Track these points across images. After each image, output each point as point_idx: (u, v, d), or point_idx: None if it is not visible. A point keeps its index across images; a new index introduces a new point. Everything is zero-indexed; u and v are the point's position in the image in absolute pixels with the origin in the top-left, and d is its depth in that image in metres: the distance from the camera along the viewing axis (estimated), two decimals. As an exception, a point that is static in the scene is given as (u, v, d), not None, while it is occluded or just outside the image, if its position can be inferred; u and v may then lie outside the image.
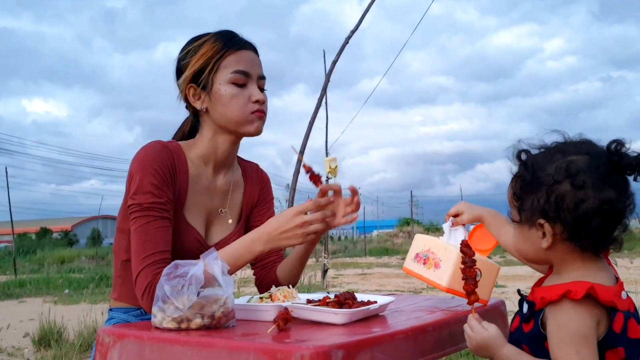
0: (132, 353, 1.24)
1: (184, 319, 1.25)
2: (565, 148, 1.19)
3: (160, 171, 1.57)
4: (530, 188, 1.18)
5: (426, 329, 1.29)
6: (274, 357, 1.02)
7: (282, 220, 1.52)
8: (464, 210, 1.54)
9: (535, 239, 1.20)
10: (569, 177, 1.13)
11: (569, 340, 1.10)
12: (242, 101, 1.64)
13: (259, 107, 1.66)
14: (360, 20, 6.22)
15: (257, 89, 1.67)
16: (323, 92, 6.35)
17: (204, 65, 1.64)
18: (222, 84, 1.64)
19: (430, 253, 1.52)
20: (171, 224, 1.58)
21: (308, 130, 6.07)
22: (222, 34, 1.69)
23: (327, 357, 1.00)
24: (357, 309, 1.31)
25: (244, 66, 1.65)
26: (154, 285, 1.47)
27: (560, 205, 1.13)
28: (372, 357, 1.10)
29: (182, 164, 1.66)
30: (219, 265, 1.30)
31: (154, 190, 1.55)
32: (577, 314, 1.10)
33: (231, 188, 1.79)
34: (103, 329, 1.32)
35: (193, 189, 1.68)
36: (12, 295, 11.63)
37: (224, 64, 1.64)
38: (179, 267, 1.28)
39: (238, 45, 1.67)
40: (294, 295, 1.50)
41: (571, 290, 1.10)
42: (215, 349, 1.11)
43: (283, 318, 1.22)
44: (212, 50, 1.64)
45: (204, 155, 1.72)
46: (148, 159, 1.58)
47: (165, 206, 1.56)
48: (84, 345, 5.42)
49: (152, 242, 1.53)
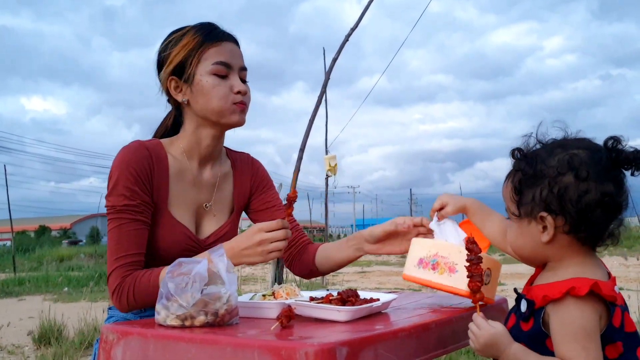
0: (136, 350, 1.24)
1: (187, 316, 1.25)
2: (565, 143, 1.21)
3: (135, 173, 1.58)
4: (532, 181, 1.19)
5: (429, 327, 1.29)
6: (278, 354, 1.02)
7: (245, 237, 1.52)
8: (447, 202, 1.55)
9: (535, 234, 1.20)
10: (572, 170, 1.15)
11: (574, 337, 1.11)
12: (223, 92, 1.64)
13: (241, 98, 1.66)
14: (360, 18, 6.22)
15: (239, 80, 1.67)
16: (323, 90, 6.34)
17: (185, 58, 1.64)
18: (203, 75, 1.63)
19: (439, 257, 1.46)
20: (145, 226, 1.59)
21: (308, 128, 6.06)
22: (202, 26, 1.69)
23: (331, 354, 1.00)
24: (361, 306, 1.31)
25: (225, 57, 1.65)
26: (122, 287, 1.52)
27: (564, 197, 1.15)
28: (376, 355, 1.10)
29: (162, 162, 1.66)
30: (224, 262, 1.30)
31: (127, 193, 1.56)
32: (581, 310, 1.11)
33: (218, 181, 1.78)
34: (107, 326, 1.33)
35: (176, 185, 1.68)
36: (11, 293, 11.64)
37: (205, 55, 1.64)
38: (183, 264, 1.29)
39: (219, 37, 1.67)
40: (296, 293, 1.50)
41: (575, 287, 1.11)
42: (219, 346, 1.11)
43: (286, 315, 1.23)
44: (193, 42, 1.64)
45: (188, 149, 1.72)
46: (124, 161, 1.59)
47: (138, 208, 1.57)
48: (84, 343, 5.42)
49: (124, 245, 1.55)
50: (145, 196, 1.59)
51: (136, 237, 1.57)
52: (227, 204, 1.82)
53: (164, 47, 1.69)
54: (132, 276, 1.53)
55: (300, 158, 6.29)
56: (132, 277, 1.53)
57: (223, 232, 1.76)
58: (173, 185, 1.67)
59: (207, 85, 1.63)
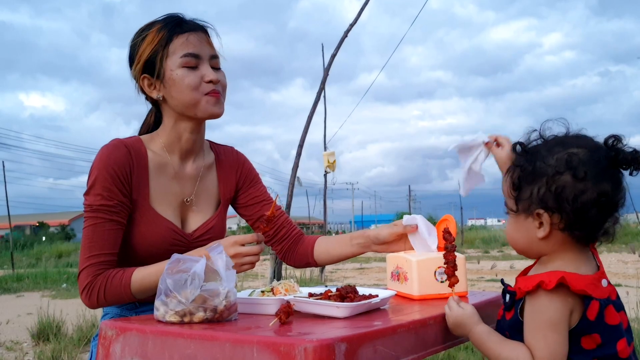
0: (135, 346, 1.24)
1: (186, 312, 1.25)
2: (565, 140, 1.23)
3: (113, 172, 1.58)
4: (530, 178, 1.21)
5: (427, 323, 1.29)
6: (277, 350, 1.03)
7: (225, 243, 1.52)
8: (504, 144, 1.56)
9: (531, 229, 1.23)
10: (570, 169, 1.17)
11: (537, 326, 1.15)
12: (194, 83, 1.62)
13: (212, 87, 1.64)
14: (359, 14, 6.21)
15: (210, 69, 1.64)
16: (322, 86, 6.34)
17: (153, 54, 1.63)
18: (173, 69, 1.62)
19: (399, 269, 1.63)
20: (120, 227, 1.59)
21: (307, 124, 6.06)
22: (168, 19, 1.67)
23: (330, 350, 1.00)
24: (359, 302, 1.31)
25: (192, 48, 1.63)
26: (94, 285, 1.53)
27: (560, 196, 1.17)
28: (375, 350, 1.10)
29: (142, 158, 1.65)
30: (223, 259, 1.30)
31: (104, 192, 1.56)
32: (550, 302, 1.15)
33: (201, 173, 1.78)
34: (105, 322, 1.32)
35: (157, 180, 1.68)
36: (9, 289, 11.64)
37: (172, 49, 1.62)
38: (182, 262, 1.29)
39: (184, 28, 1.64)
40: (295, 289, 1.50)
41: (544, 281, 1.15)
42: (219, 342, 1.11)
43: (285, 311, 1.23)
44: (159, 37, 1.63)
45: (168, 144, 1.71)
46: (102, 160, 1.59)
47: (114, 209, 1.57)
48: (82, 339, 5.42)
49: (98, 244, 1.55)
50: (122, 196, 1.59)
51: (110, 237, 1.56)
52: (212, 196, 1.81)
53: (133, 45, 1.68)
54: (104, 275, 1.53)
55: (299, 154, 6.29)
56: (104, 276, 1.53)
57: (210, 225, 1.76)
58: (154, 180, 1.67)
59: (177, 79, 1.62)
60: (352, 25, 6.19)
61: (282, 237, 1.90)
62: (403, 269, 1.60)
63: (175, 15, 1.68)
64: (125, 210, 1.60)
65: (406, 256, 1.61)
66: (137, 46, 1.66)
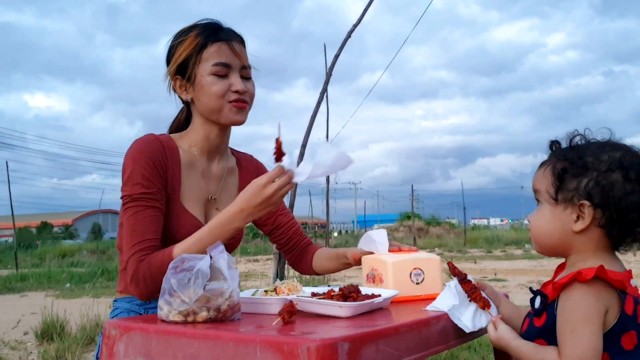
0: (139, 345, 1.24)
1: (190, 312, 1.26)
2: (614, 143, 1.25)
3: (151, 162, 1.62)
4: (578, 171, 1.22)
5: (430, 322, 1.30)
6: (281, 350, 1.03)
7: (253, 194, 1.49)
8: None
9: (567, 221, 1.23)
10: (622, 169, 1.19)
11: (568, 322, 1.14)
12: (221, 91, 1.68)
13: (238, 97, 1.69)
14: (363, 14, 6.21)
15: (239, 79, 1.70)
16: (325, 86, 6.34)
17: (187, 58, 1.70)
18: (204, 75, 1.68)
19: (374, 271, 1.61)
20: (161, 213, 1.62)
21: (310, 124, 6.06)
22: (205, 25, 1.72)
23: (333, 349, 1.01)
24: (362, 302, 1.31)
25: (224, 58, 1.69)
26: (138, 271, 1.53)
27: (608, 193, 1.18)
28: (377, 350, 1.11)
29: (174, 155, 1.71)
30: (225, 259, 1.30)
31: (143, 182, 1.60)
32: (583, 294, 1.14)
33: (225, 174, 1.84)
34: (109, 321, 1.33)
35: (188, 177, 1.73)
36: (13, 289, 11.66)
37: (205, 56, 1.68)
38: (185, 261, 1.29)
39: (219, 37, 1.70)
40: (298, 289, 1.51)
41: (581, 273, 1.14)
42: (222, 342, 1.11)
43: (288, 311, 1.23)
44: (195, 43, 1.69)
45: (197, 143, 1.77)
46: (138, 151, 1.64)
47: (154, 196, 1.61)
48: (86, 339, 5.44)
49: (140, 231, 1.57)
50: (161, 185, 1.63)
51: (152, 224, 1.58)
52: (233, 198, 1.82)
53: (171, 46, 1.75)
54: (147, 260, 1.53)
55: (302, 154, 6.30)
56: (147, 261, 1.53)
57: None
58: (185, 177, 1.72)
59: (206, 85, 1.68)
60: (355, 26, 6.18)
61: (292, 247, 2.00)
62: (378, 270, 1.59)
63: (214, 23, 1.74)
64: (164, 199, 1.64)
65: (382, 257, 1.60)
66: (174, 48, 1.73)
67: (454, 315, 1.35)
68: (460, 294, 1.37)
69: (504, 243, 26.71)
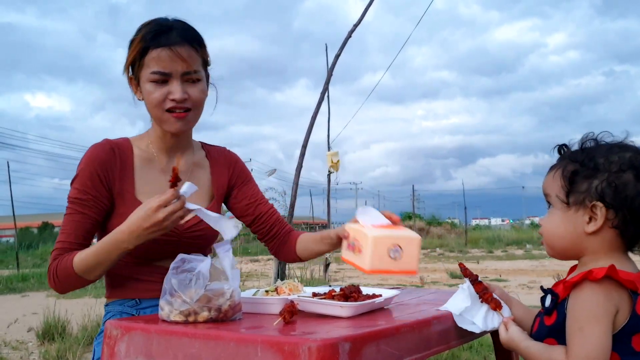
0: (140, 345, 1.25)
1: (191, 312, 1.26)
2: (623, 144, 1.25)
3: (93, 169, 1.67)
4: (589, 173, 1.22)
5: (431, 322, 1.30)
6: (282, 349, 1.03)
7: (145, 216, 1.49)
8: None
9: (579, 223, 1.23)
10: (633, 169, 1.19)
11: (577, 320, 1.14)
12: (157, 100, 1.65)
13: (175, 105, 1.65)
14: (363, 15, 6.21)
15: (178, 87, 1.64)
16: (325, 86, 6.34)
17: (133, 61, 1.68)
18: (144, 82, 1.66)
19: (355, 241, 1.59)
20: (90, 220, 1.66)
21: (310, 124, 6.07)
22: (150, 28, 1.66)
23: (334, 349, 1.01)
24: (363, 302, 1.32)
25: (163, 66, 1.63)
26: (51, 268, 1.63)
27: (621, 193, 1.18)
28: (378, 350, 1.11)
29: (127, 157, 1.73)
30: (230, 258, 1.30)
31: (80, 187, 1.65)
32: (592, 294, 1.14)
33: (190, 168, 1.82)
34: (110, 321, 1.33)
35: (143, 174, 1.74)
36: (15, 289, 11.66)
37: (146, 61, 1.64)
38: (187, 261, 1.29)
39: (160, 42, 1.63)
40: (299, 289, 1.51)
41: (592, 272, 1.14)
42: (223, 341, 1.12)
43: (289, 311, 1.23)
44: (139, 47, 1.65)
45: (153, 142, 1.79)
46: (86, 158, 1.68)
47: (87, 203, 1.65)
48: (87, 339, 5.43)
49: (65, 232, 1.65)
50: (98, 192, 1.67)
51: (78, 228, 1.64)
52: (204, 191, 1.83)
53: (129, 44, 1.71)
54: (59, 259, 1.62)
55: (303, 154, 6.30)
56: (59, 260, 1.62)
57: None
58: (139, 175, 1.73)
59: (145, 92, 1.67)
60: (356, 26, 6.19)
61: (274, 235, 1.95)
62: (359, 241, 1.57)
63: (159, 24, 1.67)
64: (99, 206, 1.67)
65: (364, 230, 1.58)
66: (128, 47, 1.70)
67: (464, 320, 1.35)
68: (473, 295, 1.37)
69: (505, 243, 26.69)
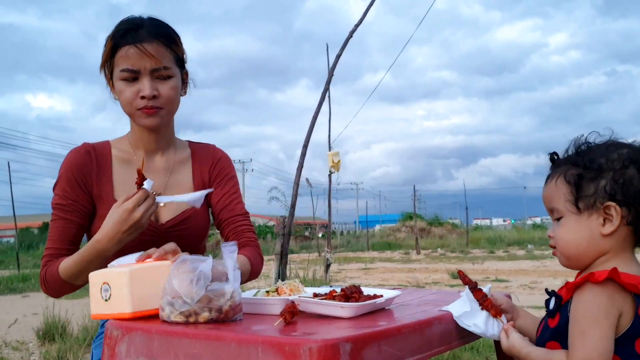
0: (140, 346, 1.24)
1: (191, 312, 1.25)
2: (617, 142, 1.26)
3: (70, 174, 1.70)
4: (594, 174, 1.22)
5: (432, 323, 1.29)
6: (283, 350, 1.03)
7: (122, 220, 1.50)
8: None
9: (594, 227, 1.22)
10: (634, 163, 1.20)
11: (578, 323, 1.13)
12: (129, 97, 1.66)
13: (144, 103, 1.66)
14: (364, 15, 6.21)
15: (147, 84, 1.65)
16: (326, 86, 6.34)
17: (105, 61, 1.70)
18: (116, 80, 1.68)
19: (107, 285, 1.35)
20: (73, 224, 1.70)
21: (311, 125, 6.07)
22: (119, 27, 1.67)
23: (335, 350, 1.00)
24: (364, 302, 1.31)
25: (131, 63, 1.64)
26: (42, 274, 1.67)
27: (629, 188, 1.18)
28: (380, 351, 1.10)
29: (105, 159, 1.76)
30: (233, 259, 1.30)
31: (61, 193, 1.70)
32: (595, 297, 1.13)
33: (172, 166, 1.82)
34: (111, 322, 1.32)
35: (122, 175, 1.75)
36: (15, 289, 11.68)
37: (116, 61, 1.67)
38: (188, 262, 1.29)
39: (128, 39, 1.64)
40: (300, 289, 1.50)
41: (594, 274, 1.13)
42: (224, 342, 1.11)
43: (290, 311, 1.23)
44: (108, 48, 1.68)
45: (133, 142, 1.80)
46: (65, 163, 1.72)
47: (68, 207, 1.69)
48: (88, 339, 5.43)
49: (52, 238, 1.70)
50: (77, 196, 1.70)
51: (62, 234, 1.69)
52: (187, 190, 1.82)
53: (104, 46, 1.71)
54: (48, 265, 1.66)
55: (304, 154, 6.30)
56: (47, 266, 1.66)
57: (185, 215, 1.77)
58: (117, 175, 1.75)
59: (117, 91, 1.69)
60: (357, 26, 6.19)
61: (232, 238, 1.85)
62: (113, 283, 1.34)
63: (128, 22, 1.68)
64: (80, 210, 1.71)
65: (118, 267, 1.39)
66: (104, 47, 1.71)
67: (463, 322, 1.35)
68: (473, 302, 1.36)
69: (506, 243, 26.70)
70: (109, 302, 1.34)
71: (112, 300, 1.33)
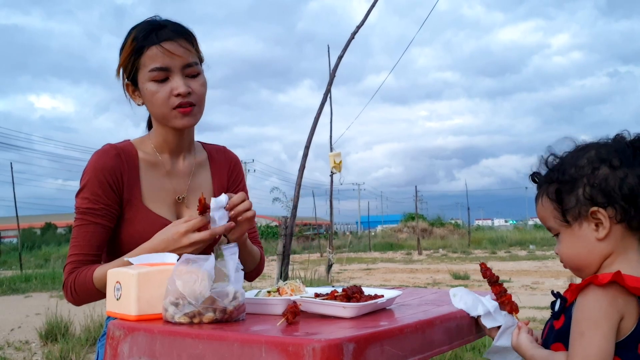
0: (143, 346, 1.24)
1: (196, 313, 1.25)
2: (583, 146, 1.26)
3: (102, 176, 1.63)
4: (569, 186, 1.22)
5: (434, 323, 1.30)
6: (286, 350, 1.03)
7: (171, 239, 1.51)
8: None
9: (589, 234, 1.22)
10: (604, 161, 1.20)
11: (578, 325, 1.13)
12: (163, 97, 1.62)
13: (181, 101, 1.63)
14: (366, 16, 6.22)
15: (181, 81, 1.62)
16: (328, 87, 6.34)
17: (128, 65, 1.66)
18: (144, 82, 1.64)
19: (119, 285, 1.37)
20: (104, 229, 1.64)
21: (313, 125, 6.07)
22: (141, 28, 1.65)
23: (338, 350, 1.01)
24: (366, 302, 1.32)
25: (161, 62, 1.61)
26: (68, 282, 1.61)
27: (606, 188, 1.18)
28: (382, 351, 1.11)
29: (132, 160, 1.71)
30: (235, 260, 1.30)
31: (91, 197, 1.63)
32: (596, 299, 1.13)
33: (193, 169, 1.81)
34: (113, 322, 1.33)
35: (149, 179, 1.72)
36: (18, 290, 11.69)
37: (143, 61, 1.63)
38: (191, 262, 1.29)
39: (153, 39, 1.61)
40: (301, 289, 1.51)
41: (598, 276, 1.13)
42: (227, 342, 1.11)
43: (292, 311, 1.23)
44: (131, 49, 1.63)
45: (157, 145, 1.76)
46: (93, 165, 1.65)
47: (99, 212, 1.63)
48: (90, 339, 5.45)
49: (79, 244, 1.63)
50: (109, 200, 1.64)
51: (92, 239, 1.63)
52: (206, 191, 1.81)
53: (120, 50, 1.69)
54: (76, 272, 1.60)
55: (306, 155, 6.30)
56: (76, 274, 1.60)
57: None
58: (145, 180, 1.71)
59: (147, 93, 1.64)
60: (358, 27, 6.19)
61: None
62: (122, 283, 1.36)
63: (150, 22, 1.67)
64: (111, 214, 1.65)
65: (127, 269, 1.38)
66: (120, 53, 1.68)
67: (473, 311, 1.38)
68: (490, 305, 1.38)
69: (508, 244, 26.67)
70: (119, 301, 1.36)
71: (122, 300, 1.35)
